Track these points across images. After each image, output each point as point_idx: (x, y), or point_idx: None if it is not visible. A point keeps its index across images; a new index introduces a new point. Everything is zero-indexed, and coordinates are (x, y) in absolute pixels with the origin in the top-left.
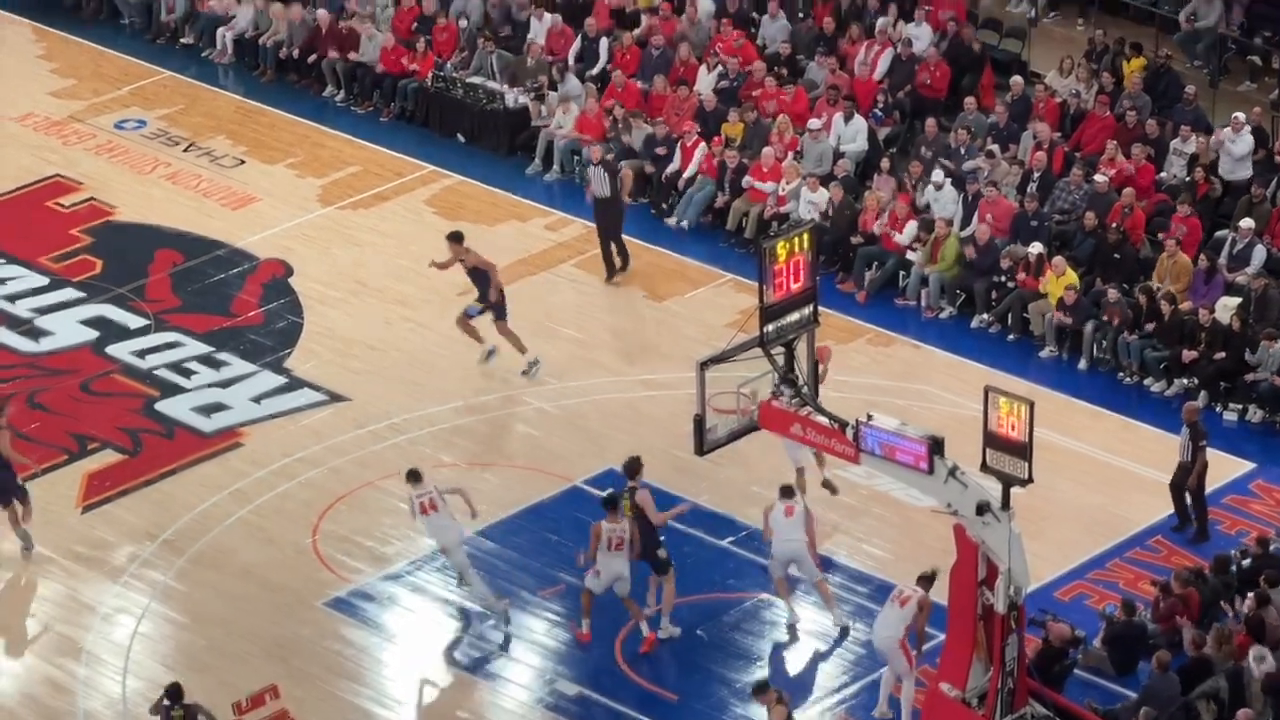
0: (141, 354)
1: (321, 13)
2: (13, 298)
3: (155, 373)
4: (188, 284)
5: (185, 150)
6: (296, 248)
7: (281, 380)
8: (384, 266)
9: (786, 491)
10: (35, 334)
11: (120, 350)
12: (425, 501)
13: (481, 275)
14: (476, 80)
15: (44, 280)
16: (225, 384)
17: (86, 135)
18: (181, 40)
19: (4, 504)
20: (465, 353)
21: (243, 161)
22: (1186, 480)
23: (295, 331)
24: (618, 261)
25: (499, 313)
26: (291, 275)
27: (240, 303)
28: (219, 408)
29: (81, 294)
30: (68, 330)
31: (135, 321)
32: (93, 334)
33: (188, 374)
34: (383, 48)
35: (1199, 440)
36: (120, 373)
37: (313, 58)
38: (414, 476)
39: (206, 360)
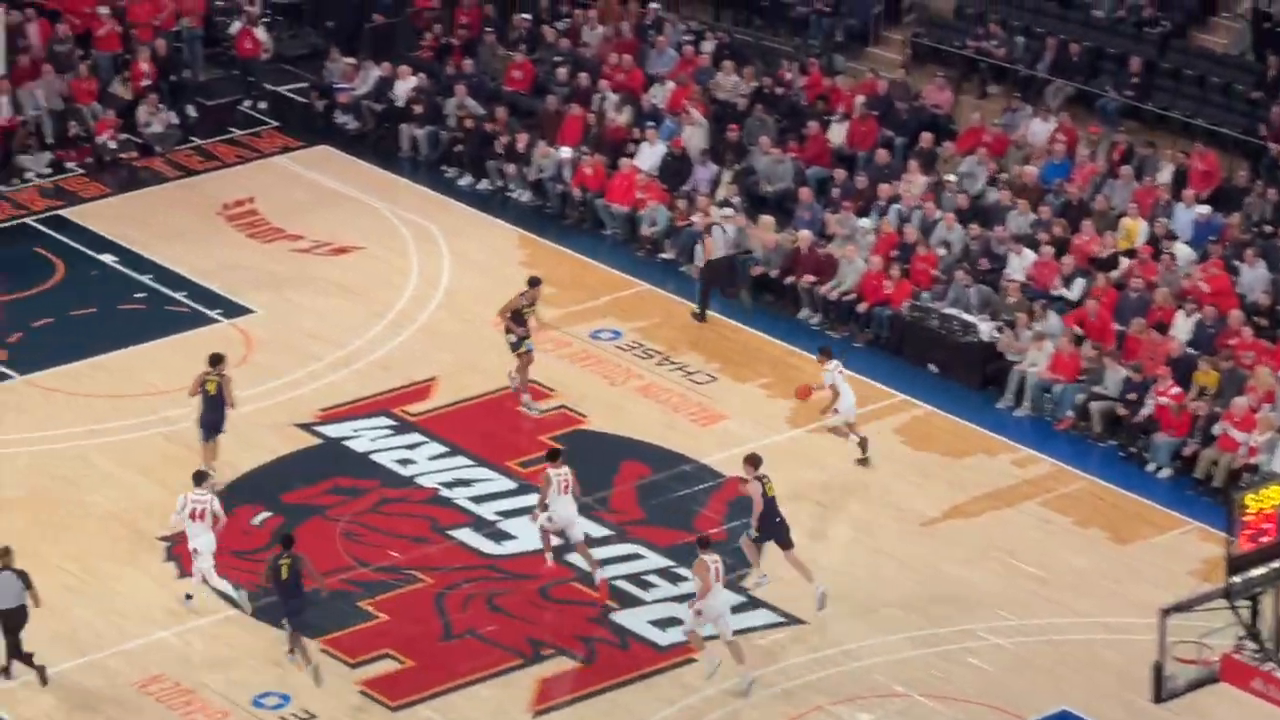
0: (602, 563)
1: (803, 234)
2: (479, 499)
3: (614, 583)
4: (652, 497)
5: (659, 364)
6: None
7: (740, 599)
8: (849, 491)
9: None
10: (499, 537)
11: (581, 559)
12: (199, 510)
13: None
14: (952, 311)
15: (511, 484)
16: (683, 599)
17: (562, 343)
18: (661, 254)
19: (208, 438)
20: (922, 583)
21: (714, 378)
22: None
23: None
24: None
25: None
26: None
27: (704, 519)
28: (675, 622)
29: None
30: (530, 535)
31: (598, 530)
32: (555, 541)
33: (646, 586)
34: (865, 273)
35: None
36: (579, 581)
37: (790, 279)
38: (200, 478)
39: (666, 574)
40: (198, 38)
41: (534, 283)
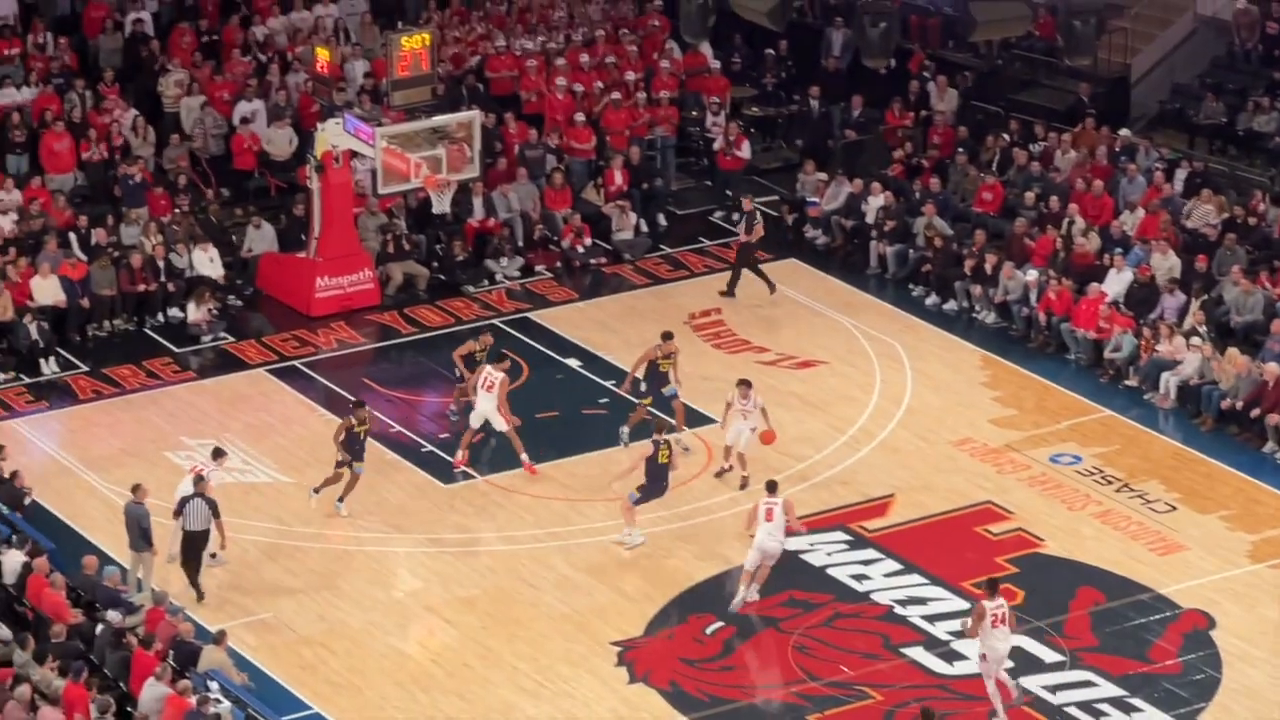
0: (1053, 689)
1: (1270, 366)
2: (933, 618)
3: (1065, 709)
4: (1107, 624)
5: (1118, 490)
6: (1221, 601)
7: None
8: None
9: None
10: (950, 657)
11: (1032, 683)
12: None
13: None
14: None
15: (965, 605)
16: None
17: (1021, 465)
18: (1125, 381)
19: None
20: None
21: (1175, 508)
22: None
23: (1213, 686)
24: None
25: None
26: (1213, 628)
27: (1158, 650)
28: None
29: None
30: None
31: (1050, 656)
32: (1008, 664)
33: (1097, 715)
34: None
35: None
36: (1029, 706)
37: (1256, 412)
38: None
39: (1118, 703)
40: (670, 146)
41: (667, 336)
